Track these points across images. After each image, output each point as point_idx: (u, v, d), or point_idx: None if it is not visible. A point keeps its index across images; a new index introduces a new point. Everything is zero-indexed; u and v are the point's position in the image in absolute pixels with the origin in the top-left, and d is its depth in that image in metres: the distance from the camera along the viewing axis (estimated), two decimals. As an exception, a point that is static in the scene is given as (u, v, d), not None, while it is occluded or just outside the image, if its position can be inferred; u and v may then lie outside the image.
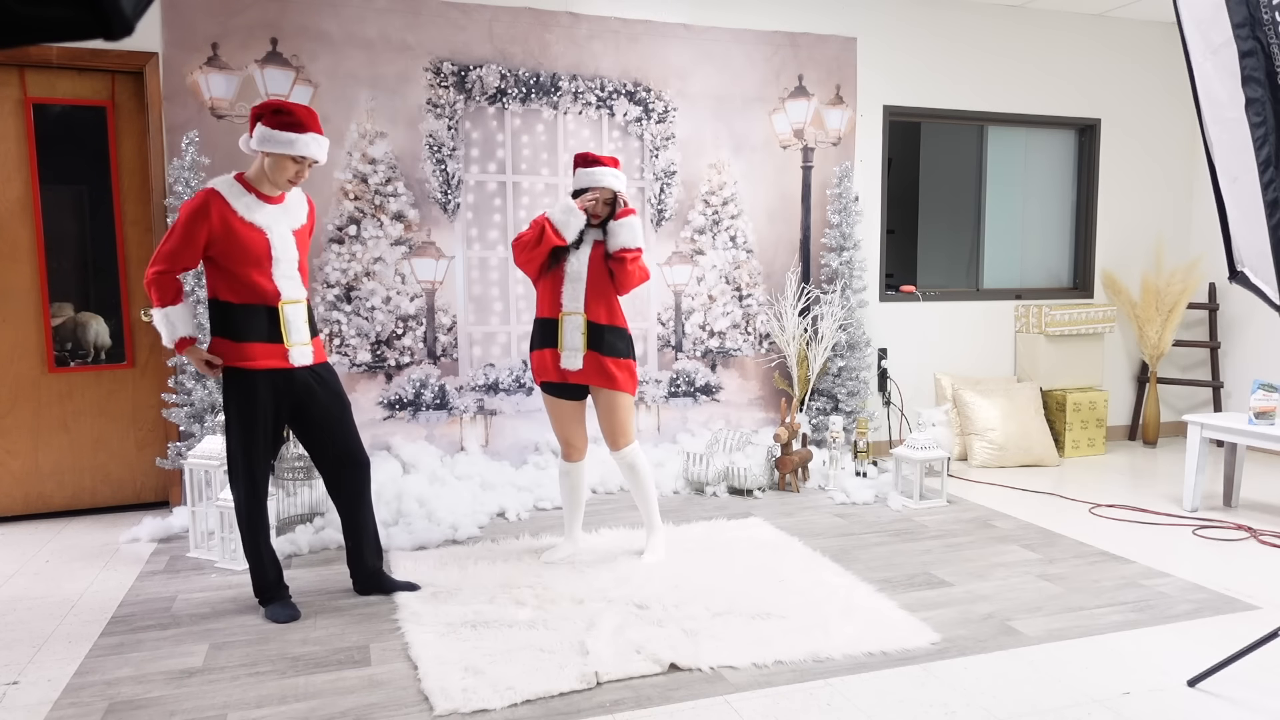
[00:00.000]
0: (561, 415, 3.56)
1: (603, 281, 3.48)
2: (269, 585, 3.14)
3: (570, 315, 3.45)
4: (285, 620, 3.06)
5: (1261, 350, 5.92)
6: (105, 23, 0.75)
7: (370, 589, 3.29)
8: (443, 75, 4.63)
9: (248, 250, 2.96)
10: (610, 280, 3.48)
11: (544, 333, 3.49)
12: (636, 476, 3.59)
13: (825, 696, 2.51)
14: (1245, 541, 3.94)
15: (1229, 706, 2.45)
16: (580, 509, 3.69)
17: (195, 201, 2.93)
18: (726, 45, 5.10)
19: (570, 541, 3.67)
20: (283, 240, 3.04)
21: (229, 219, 2.94)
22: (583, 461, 3.63)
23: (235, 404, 3.02)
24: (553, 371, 3.48)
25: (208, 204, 2.92)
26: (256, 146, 2.96)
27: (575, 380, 3.48)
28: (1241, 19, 2.27)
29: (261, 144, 2.94)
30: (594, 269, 3.47)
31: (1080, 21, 5.85)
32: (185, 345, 3.03)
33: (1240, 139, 2.35)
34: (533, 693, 2.50)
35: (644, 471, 3.60)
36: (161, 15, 4.21)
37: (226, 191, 2.98)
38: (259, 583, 3.15)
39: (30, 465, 4.33)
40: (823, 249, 5.32)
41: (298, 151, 2.95)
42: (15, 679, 2.66)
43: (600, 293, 3.47)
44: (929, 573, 3.51)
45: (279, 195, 3.07)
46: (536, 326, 3.54)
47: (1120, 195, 6.10)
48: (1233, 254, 2.56)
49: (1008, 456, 5.37)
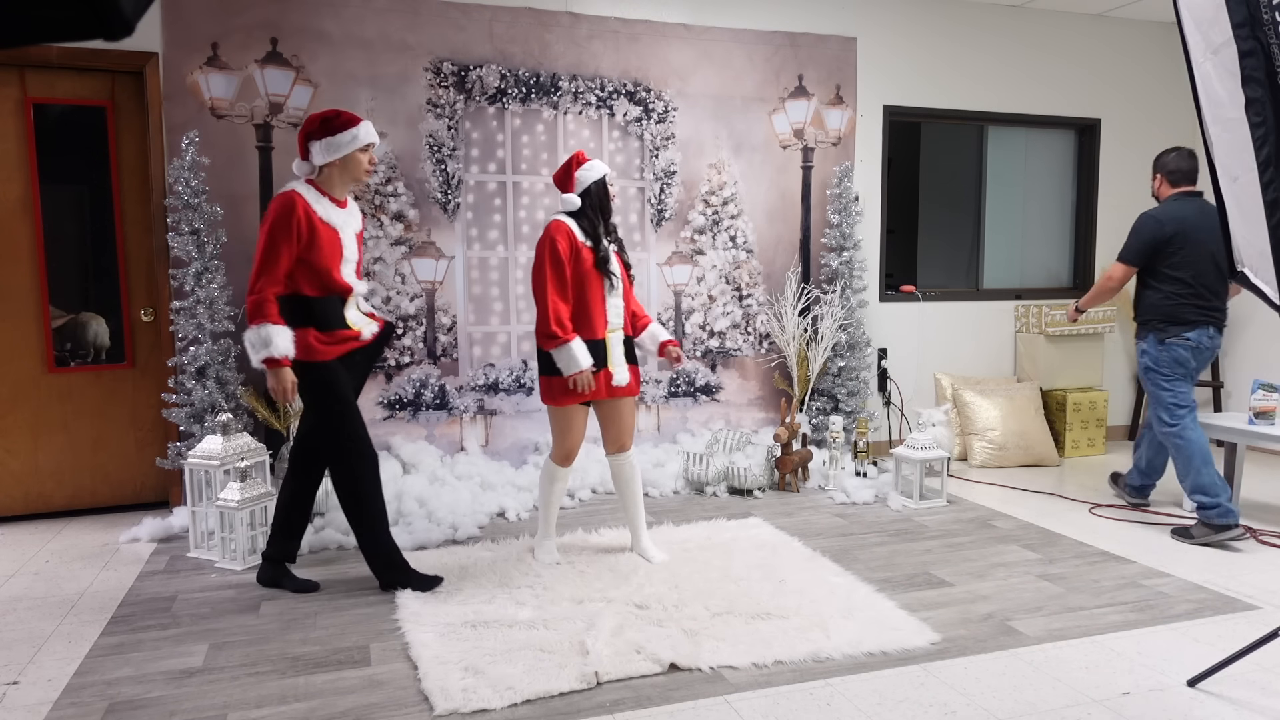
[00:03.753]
0: (581, 429, 3.52)
1: (629, 294, 3.58)
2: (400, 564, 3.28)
3: (614, 332, 3.48)
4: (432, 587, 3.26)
5: (1261, 350, 5.92)
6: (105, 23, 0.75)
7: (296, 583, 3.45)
8: (443, 75, 4.63)
9: (328, 247, 3.13)
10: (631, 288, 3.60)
11: (594, 353, 3.39)
12: (637, 477, 3.61)
13: (825, 696, 2.51)
14: (1245, 541, 3.94)
15: (1229, 706, 2.45)
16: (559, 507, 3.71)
17: (282, 204, 3.05)
18: (726, 45, 5.10)
19: (552, 539, 3.66)
20: (349, 241, 3.25)
21: (312, 217, 3.10)
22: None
23: (332, 389, 3.15)
24: (604, 390, 3.43)
25: (294, 202, 3.06)
26: (324, 159, 3.14)
27: (619, 394, 3.47)
28: (1241, 19, 2.27)
29: (330, 153, 3.14)
30: (625, 285, 3.55)
31: (1080, 21, 5.85)
32: (283, 364, 3.06)
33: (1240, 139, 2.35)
34: (533, 693, 2.50)
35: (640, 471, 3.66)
36: (161, 15, 4.21)
37: (305, 193, 3.13)
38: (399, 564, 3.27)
39: (30, 465, 4.33)
40: (823, 249, 5.32)
41: (362, 141, 3.17)
42: (15, 679, 2.66)
43: (630, 306, 3.59)
44: (929, 573, 3.51)
45: (344, 200, 3.27)
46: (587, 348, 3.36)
47: (1120, 195, 6.10)
48: (1233, 254, 2.56)
49: (1008, 456, 5.37)
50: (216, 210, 4.20)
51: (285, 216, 3.03)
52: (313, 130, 3.14)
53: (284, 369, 3.05)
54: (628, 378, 3.48)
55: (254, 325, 3.02)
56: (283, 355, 3.03)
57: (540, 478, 3.61)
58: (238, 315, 4.33)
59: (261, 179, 4.40)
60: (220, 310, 4.12)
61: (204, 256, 4.08)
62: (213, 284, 4.09)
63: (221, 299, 4.13)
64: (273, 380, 3.07)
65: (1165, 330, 4.02)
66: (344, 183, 3.23)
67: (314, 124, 3.14)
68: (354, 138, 3.14)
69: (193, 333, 4.07)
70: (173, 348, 4.27)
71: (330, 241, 3.14)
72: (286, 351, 3.04)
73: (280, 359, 3.03)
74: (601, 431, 3.60)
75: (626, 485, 3.61)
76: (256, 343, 3.02)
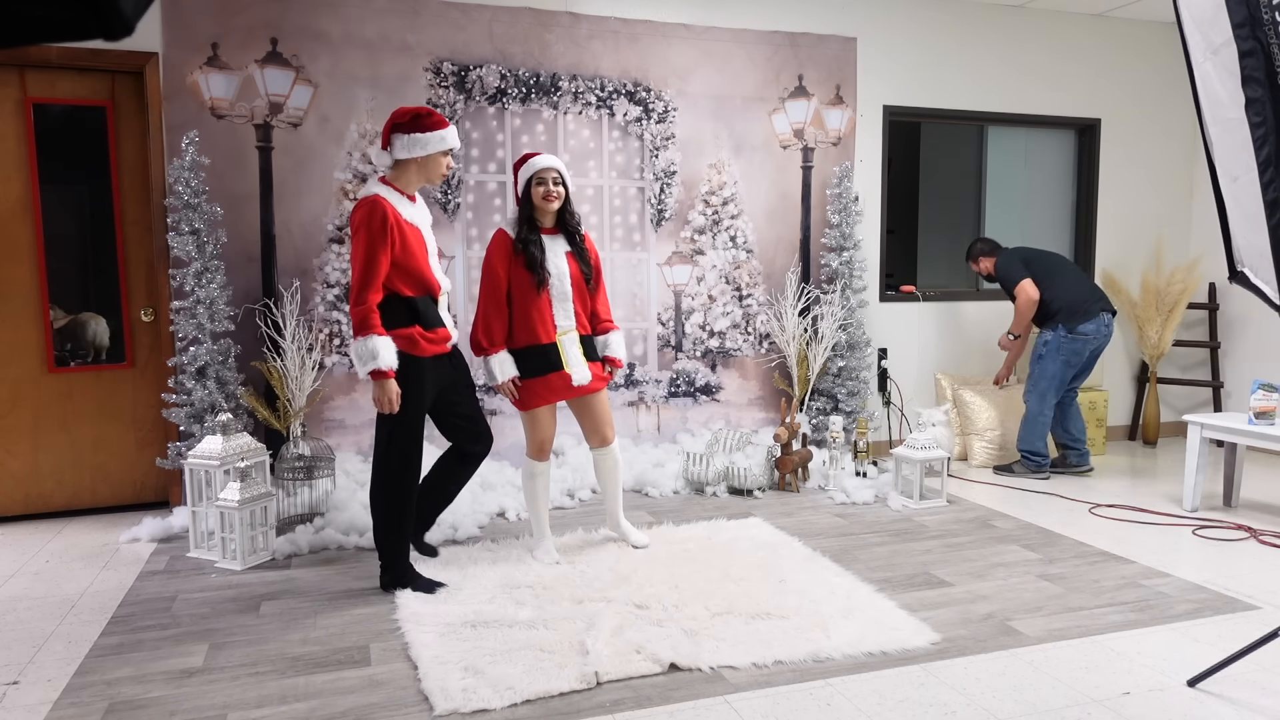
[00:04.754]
0: (550, 422, 3.57)
1: (583, 294, 3.56)
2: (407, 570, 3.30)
3: (566, 333, 3.50)
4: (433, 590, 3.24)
5: (1261, 350, 5.92)
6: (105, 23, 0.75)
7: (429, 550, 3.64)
8: (443, 75, 4.63)
9: (416, 247, 3.17)
10: (587, 288, 3.57)
11: (546, 357, 3.45)
12: (619, 468, 3.71)
13: (825, 696, 2.51)
14: (1245, 541, 3.94)
15: (1229, 706, 2.45)
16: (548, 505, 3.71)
17: (370, 211, 3.06)
18: (726, 45, 5.10)
19: (549, 539, 3.66)
20: (429, 236, 3.30)
21: (399, 219, 3.13)
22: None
23: (413, 391, 3.16)
24: (564, 391, 3.49)
25: (382, 207, 3.08)
26: (407, 154, 3.15)
27: (583, 392, 3.53)
28: (1241, 19, 2.27)
29: (413, 149, 3.15)
30: (576, 285, 3.53)
31: (1080, 21, 5.85)
32: (389, 376, 3.07)
33: (1240, 139, 2.35)
34: (533, 693, 2.50)
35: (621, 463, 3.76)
36: (161, 15, 4.21)
37: (385, 194, 3.15)
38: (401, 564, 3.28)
39: (30, 465, 4.33)
40: (823, 249, 5.32)
41: (448, 145, 3.20)
42: (15, 679, 2.66)
43: (583, 305, 3.57)
44: (929, 573, 3.51)
45: (413, 196, 3.28)
46: (532, 353, 3.45)
47: (1120, 195, 6.10)
48: (1233, 254, 2.56)
49: (1009, 456, 5.37)
50: (216, 210, 4.20)
51: (380, 224, 3.05)
52: (401, 124, 3.15)
53: (389, 380, 3.07)
54: (588, 376, 3.51)
55: (360, 337, 3.03)
56: (389, 368, 3.04)
57: (521, 479, 3.64)
58: (238, 315, 4.33)
59: (261, 179, 4.40)
60: (220, 310, 4.12)
61: (204, 256, 4.08)
62: (213, 284, 4.09)
63: (221, 299, 4.13)
64: (378, 391, 3.09)
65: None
66: (418, 180, 3.24)
67: (404, 118, 3.15)
68: (441, 139, 3.17)
69: (193, 333, 4.07)
70: (173, 348, 4.27)
71: (417, 241, 3.18)
72: (392, 364, 3.05)
73: (386, 371, 3.04)
74: (581, 428, 3.68)
75: (607, 476, 3.71)
76: (364, 355, 3.03)
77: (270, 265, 4.44)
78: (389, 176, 3.22)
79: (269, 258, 4.44)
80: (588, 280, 3.56)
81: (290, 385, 4.22)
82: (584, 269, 3.54)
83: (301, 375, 4.22)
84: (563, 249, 3.51)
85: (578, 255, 3.54)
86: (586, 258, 3.57)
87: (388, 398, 3.08)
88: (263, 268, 4.43)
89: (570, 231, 3.54)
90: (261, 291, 4.42)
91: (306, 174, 4.46)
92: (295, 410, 4.23)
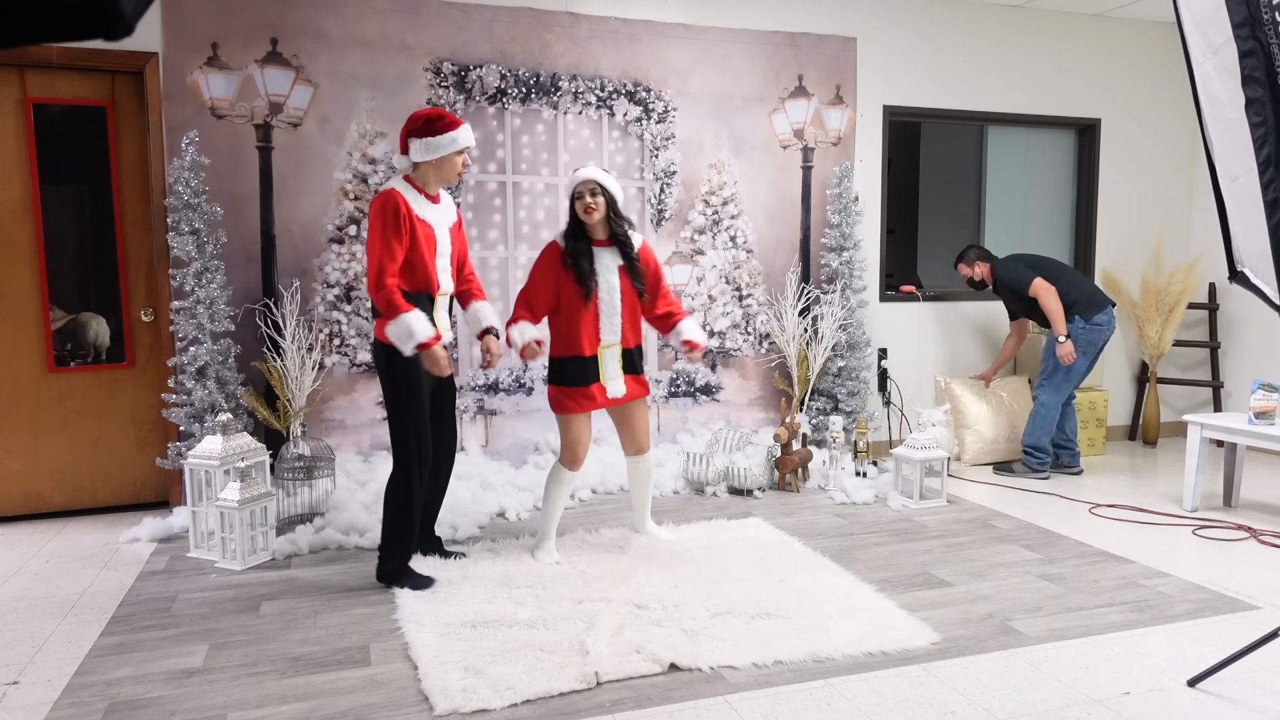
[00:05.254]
0: (585, 430, 3.58)
1: (634, 309, 3.57)
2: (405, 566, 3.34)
3: (609, 348, 3.52)
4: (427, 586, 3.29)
5: (1261, 350, 5.92)
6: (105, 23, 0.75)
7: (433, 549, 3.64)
8: (443, 75, 4.63)
9: (425, 244, 3.22)
10: (640, 302, 3.57)
11: (584, 370, 3.48)
12: (650, 477, 3.82)
13: (825, 696, 2.51)
14: (1245, 541, 3.94)
15: (1229, 706, 2.45)
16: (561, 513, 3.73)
17: (385, 202, 3.13)
18: (726, 45, 5.10)
19: (552, 540, 3.67)
20: (444, 237, 3.33)
21: (411, 212, 3.19)
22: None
23: (409, 381, 3.21)
24: (599, 401, 3.53)
25: (395, 199, 3.16)
26: (423, 158, 3.22)
27: (620, 402, 3.59)
28: (1241, 19, 2.27)
29: (428, 153, 3.21)
30: (626, 300, 3.53)
31: (1080, 21, 5.85)
32: (431, 344, 3.13)
33: (1240, 139, 2.35)
34: (533, 693, 2.50)
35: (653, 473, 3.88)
36: (161, 15, 4.21)
37: (402, 189, 3.22)
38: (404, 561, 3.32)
39: (30, 465, 4.33)
40: (823, 249, 5.32)
41: (460, 145, 3.25)
42: (15, 679, 2.66)
43: (633, 321, 3.58)
44: (929, 573, 3.51)
45: (437, 195, 3.35)
46: (572, 364, 3.49)
47: (1120, 195, 6.10)
48: (1233, 254, 2.56)
49: (1000, 450, 5.38)
50: (216, 210, 4.20)
51: (393, 214, 3.13)
52: (415, 128, 3.22)
53: (434, 348, 3.13)
54: (623, 390, 3.56)
55: (391, 320, 3.09)
56: (428, 338, 3.10)
57: (547, 479, 3.67)
58: (238, 315, 4.33)
59: (261, 179, 4.40)
60: (220, 310, 4.12)
61: (204, 256, 4.08)
62: (213, 284, 4.09)
63: (221, 299, 4.13)
64: (428, 361, 3.16)
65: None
66: (437, 181, 3.31)
67: (417, 122, 3.22)
68: (453, 141, 3.22)
69: (193, 333, 4.07)
70: (173, 348, 4.27)
71: (427, 238, 3.24)
72: (429, 333, 3.11)
73: (428, 341, 3.11)
74: (619, 436, 3.79)
75: (639, 482, 3.81)
76: (401, 335, 3.09)
77: (270, 265, 4.44)
78: (411, 175, 3.30)
79: (269, 258, 4.44)
80: (641, 295, 3.56)
81: (290, 385, 4.22)
82: (636, 284, 3.53)
83: (301, 375, 4.23)
84: (615, 262, 3.51)
85: (629, 269, 3.52)
86: (638, 271, 3.54)
87: (438, 362, 3.15)
88: (263, 268, 4.43)
89: (623, 242, 3.52)
90: (261, 291, 4.42)
91: (306, 174, 4.46)
92: (295, 410, 4.23)
